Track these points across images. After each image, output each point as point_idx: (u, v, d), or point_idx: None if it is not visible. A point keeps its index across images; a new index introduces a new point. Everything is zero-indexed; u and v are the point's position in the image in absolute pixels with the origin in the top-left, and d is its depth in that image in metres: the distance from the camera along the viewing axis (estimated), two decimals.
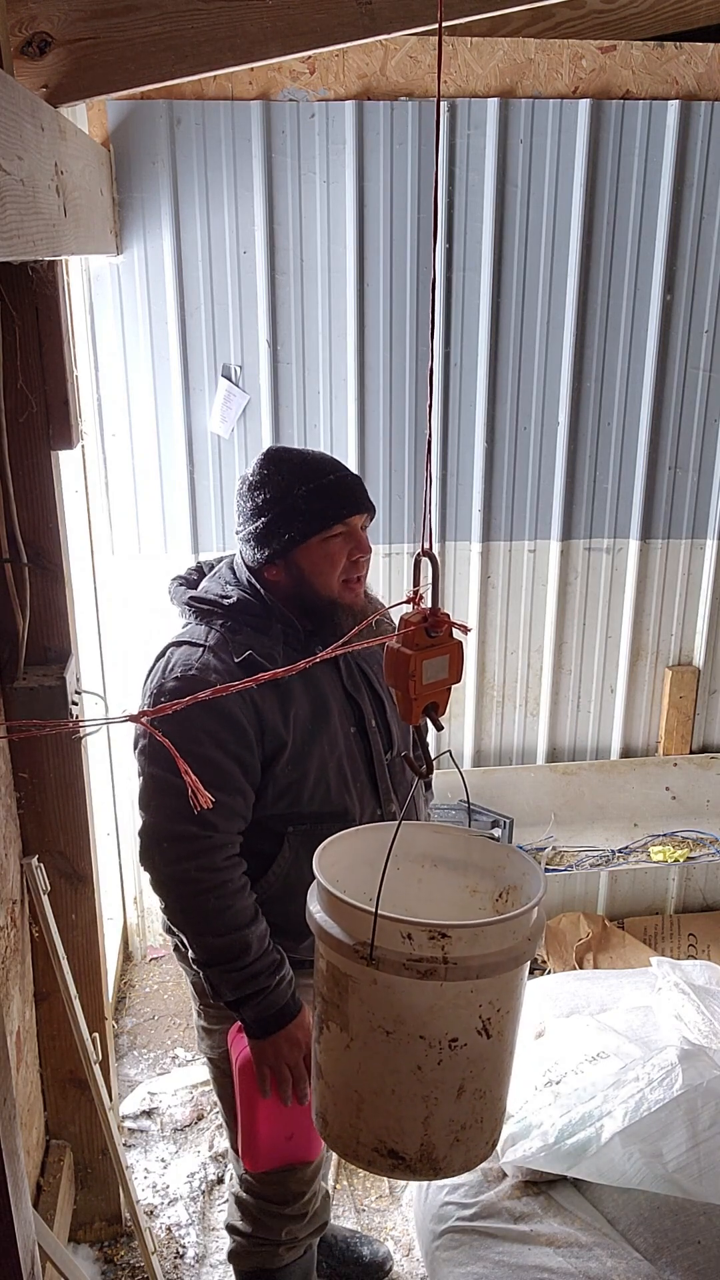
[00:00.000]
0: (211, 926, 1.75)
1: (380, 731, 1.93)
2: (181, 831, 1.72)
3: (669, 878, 3.57)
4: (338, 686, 1.88)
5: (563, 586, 3.37)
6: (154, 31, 1.88)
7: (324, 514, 1.78)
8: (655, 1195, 2.26)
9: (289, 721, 1.79)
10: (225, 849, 1.76)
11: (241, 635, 1.80)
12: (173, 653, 1.81)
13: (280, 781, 1.80)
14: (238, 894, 1.75)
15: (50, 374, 2.07)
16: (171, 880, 1.75)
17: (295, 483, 1.79)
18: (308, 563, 1.80)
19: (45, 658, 2.18)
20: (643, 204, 3.03)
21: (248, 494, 1.84)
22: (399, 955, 1.34)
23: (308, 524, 1.78)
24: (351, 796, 1.87)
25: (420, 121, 2.87)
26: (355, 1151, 1.49)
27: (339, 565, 1.80)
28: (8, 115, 1.35)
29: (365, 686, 1.92)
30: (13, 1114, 1.31)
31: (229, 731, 1.73)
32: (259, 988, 1.75)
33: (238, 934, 1.74)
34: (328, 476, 1.81)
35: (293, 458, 1.85)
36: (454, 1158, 1.47)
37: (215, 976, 1.77)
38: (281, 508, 1.79)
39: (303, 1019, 1.79)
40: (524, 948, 1.39)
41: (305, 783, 1.82)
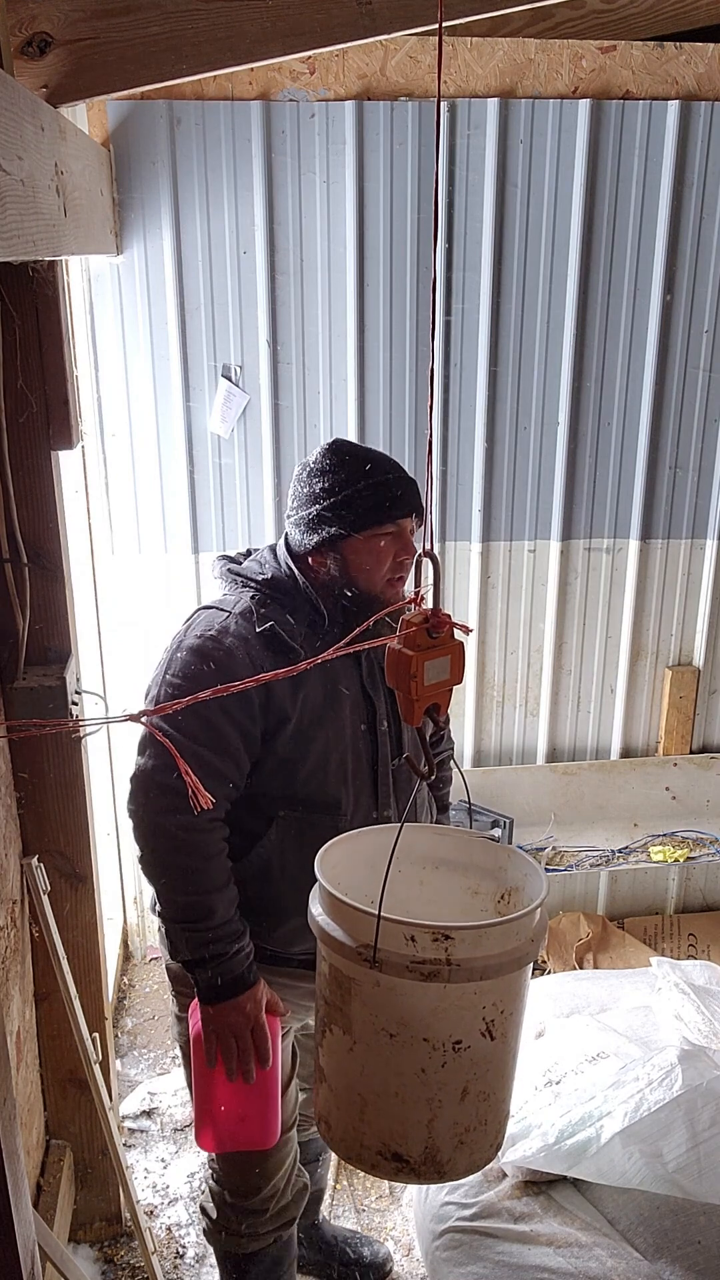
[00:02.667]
0: (181, 884, 1.76)
1: (390, 735, 1.92)
2: (169, 784, 1.72)
3: (669, 878, 3.57)
4: (355, 682, 1.89)
5: (563, 586, 3.37)
6: (154, 31, 1.88)
7: (378, 511, 1.80)
8: (655, 1195, 2.26)
9: (297, 700, 1.80)
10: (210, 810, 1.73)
11: (268, 609, 1.82)
12: (199, 614, 1.86)
13: (278, 755, 1.81)
14: (214, 857, 1.76)
15: (50, 374, 2.06)
16: (153, 830, 1.76)
17: (355, 476, 1.82)
18: (354, 556, 1.82)
19: (45, 658, 2.18)
20: (643, 204, 3.03)
21: (307, 479, 1.86)
22: (402, 957, 1.34)
23: (361, 518, 1.80)
24: (347, 791, 1.87)
25: (420, 121, 2.87)
26: (359, 1155, 1.49)
27: (384, 564, 1.82)
28: (8, 115, 1.34)
29: (384, 688, 1.91)
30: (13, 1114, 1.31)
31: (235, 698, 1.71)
32: (217, 952, 1.76)
33: (205, 896, 1.75)
34: (387, 475, 1.83)
35: (357, 452, 1.87)
36: (458, 1160, 1.47)
37: (175, 933, 1.79)
38: (338, 498, 1.81)
39: (255, 992, 1.79)
40: (527, 949, 1.39)
41: (303, 764, 1.82)
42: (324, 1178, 2.44)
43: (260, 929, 1.88)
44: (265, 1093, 1.85)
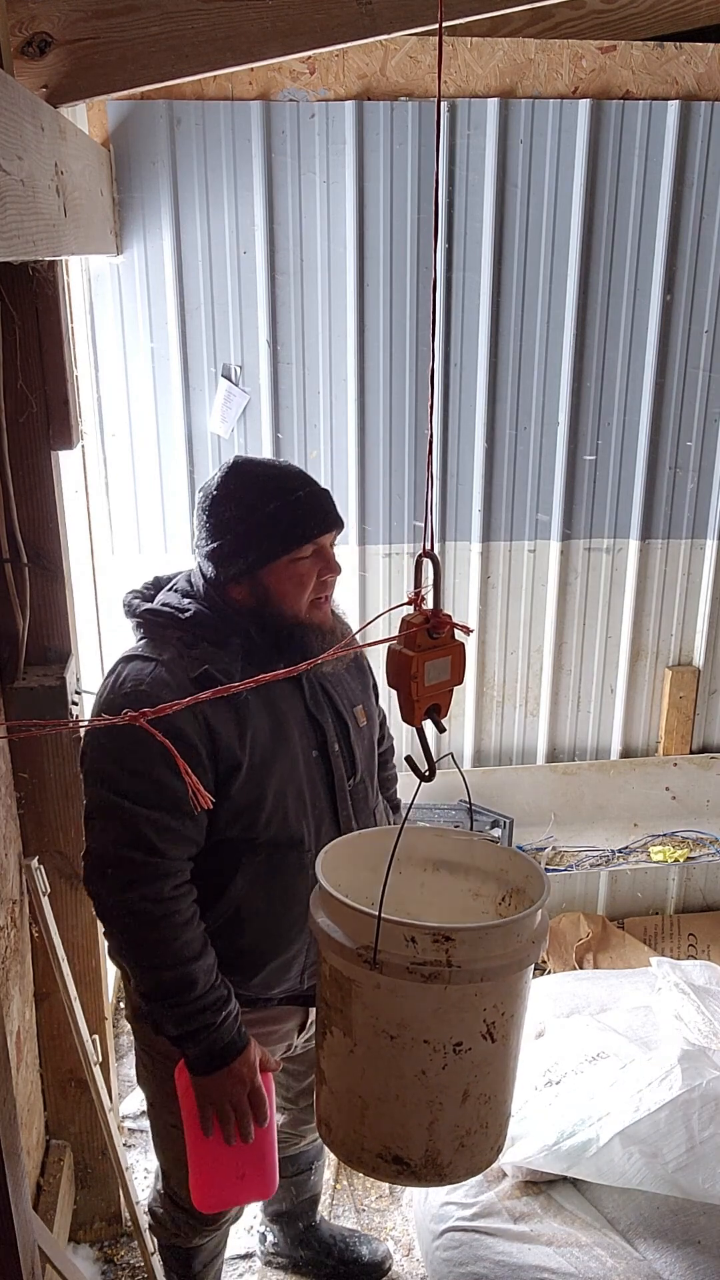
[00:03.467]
0: (157, 959, 1.66)
1: (343, 756, 1.84)
2: (126, 857, 1.63)
3: (669, 878, 3.57)
4: (299, 707, 1.79)
5: (563, 586, 3.37)
6: (154, 32, 1.88)
7: (293, 534, 1.69)
8: (655, 1195, 2.27)
9: (245, 740, 1.69)
10: (173, 877, 1.66)
11: (198, 650, 1.70)
12: (123, 668, 1.71)
13: (236, 803, 1.70)
14: (185, 925, 1.66)
15: (50, 374, 2.06)
16: (116, 909, 1.67)
17: (262, 499, 1.69)
18: (275, 583, 1.71)
19: (45, 658, 2.18)
20: (643, 204, 3.03)
21: (211, 508, 1.73)
22: (402, 959, 1.34)
23: (276, 544, 1.68)
24: (309, 825, 1.78)
25: (420, 121, 2.87)
26: (359, 1158, 1.49)
27: (308, 586, 1.72)
28: (8, 115, 1.34)
29: (329, 708, 1.83)
30: (13, 1114, 1.31)
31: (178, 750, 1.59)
32: (204, 1024, 1.67)
33: (184, 968, 1.65)
34: (296, 493, 1.71)
35: (259, 471, 1.75)
36: (459, 1163, 1.47)
37: (158, 1011, 1.69)
38: (246, 526, 1.69)
39: (248, 1055, 1.71)
40: (528, 951, 1.39)
41: (262, 806, 1.72)
42: (318, 1184, 2.44)
43: (236, 977, 1.80)
44: (263, 1145, 1.79)
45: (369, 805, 1.91)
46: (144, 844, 1.63)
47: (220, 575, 1.73)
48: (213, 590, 1.75)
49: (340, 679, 1.89)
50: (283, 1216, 2.43)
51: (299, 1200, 2.40)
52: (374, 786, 1.96)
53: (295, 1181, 2.37)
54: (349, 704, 1.88)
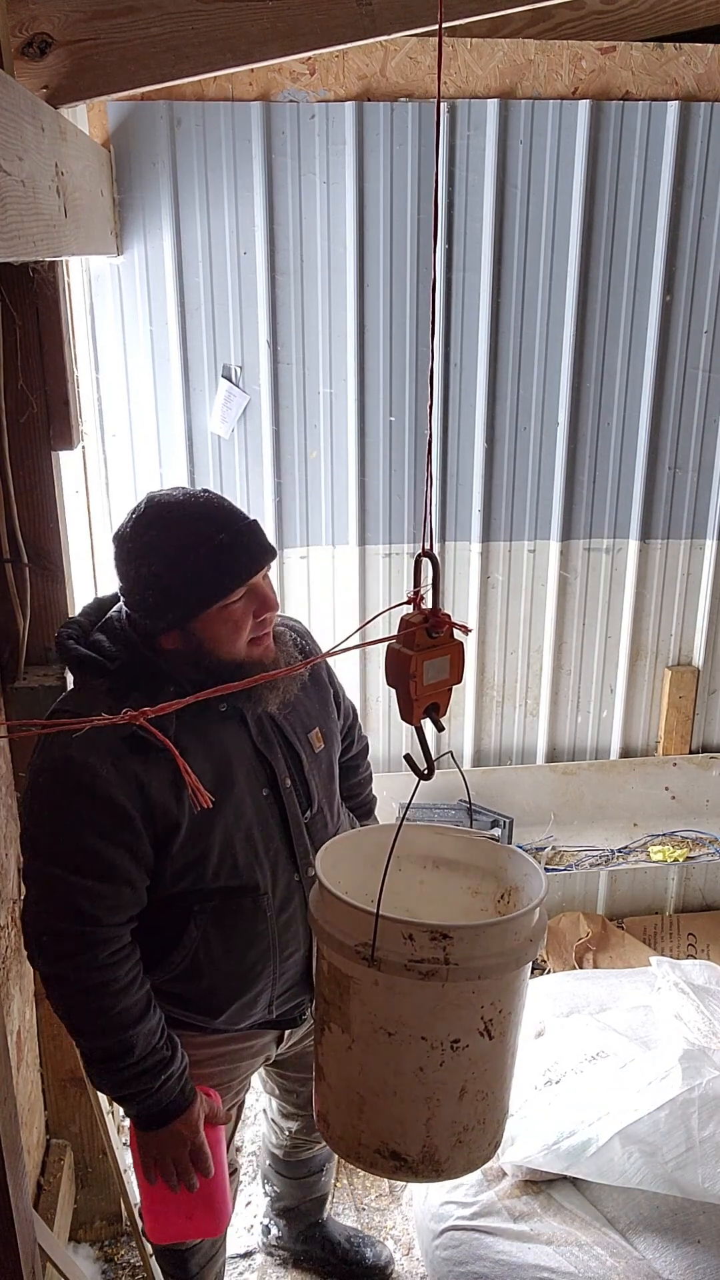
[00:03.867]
0: (92, 1026, 1.63)
1: (297, 790, 1.78)
2: (60, 928, 1.59)
3: (669, 877, 3.57)
4: (245, 745, 1.71)
5: (562, 586, 3.37)
6: (154, 32, 1.88)
7: (221, 581, 1.58)
8: (655, 1195, 2.27)
9: (182, 797, 1.61)
10: (109, 944, 1.61)
11: (129, 701, 1.56)
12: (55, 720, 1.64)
13: (178, 861, 1.65)
14: (122, 993, 1.61)
15: (50, 374, 2.07)
16: (51, 978, 1.64)
17: (182, 550, 1.58)
18: (208, 630, 1.61)
19: (46, 658, 2.19)
20: (642, 204, 3.04)
21: (129, 559, 1.62)
22: (400, 956, 1.34)
23: (204, 595, 1.59)
24: (262, 868, 1.72)
25: (420, 122, 2.87)
26: (357, 1153, 1.50)
27: (244, 628, 1.63)
28: (8, 116, 1.35)
29: (279, 741, 1.76)
30: (13, 1113, 1.32)
31: (110, 817, 1.57)
32: (141, 1089, 1.65)
33: (120, 1034, 1.61)
34: (218, 536, 1.59)
35: (176, 516, 1.61)
36: (456, 1159, 1.48)
37: (96, 1073, 1.67)
38: (170, 580, 1.58)
39: (189, 1115, 1.68)
40: (526, 949, 1.40)
41: (208, 859, 1.66)
42: (327, 1184, 2.45)
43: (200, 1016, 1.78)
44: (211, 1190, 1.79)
45: (328, 834, 1.83)
46: (77, 913, 1.59)
47: (150, 627, 1.64)
48: (142, 640, 1.66)
49: (293, 704, 1.80)
50: (289, 1212, 2.44)
51: (307, 1199, 2.41)
52: (333, 812, 1.90)
53: (304, 1184, 2.38)
54: (302, 731, 1.81)
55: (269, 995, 1.81)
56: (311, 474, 3.13)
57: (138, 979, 1.65)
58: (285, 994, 1.84)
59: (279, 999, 1.84)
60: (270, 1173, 2.42)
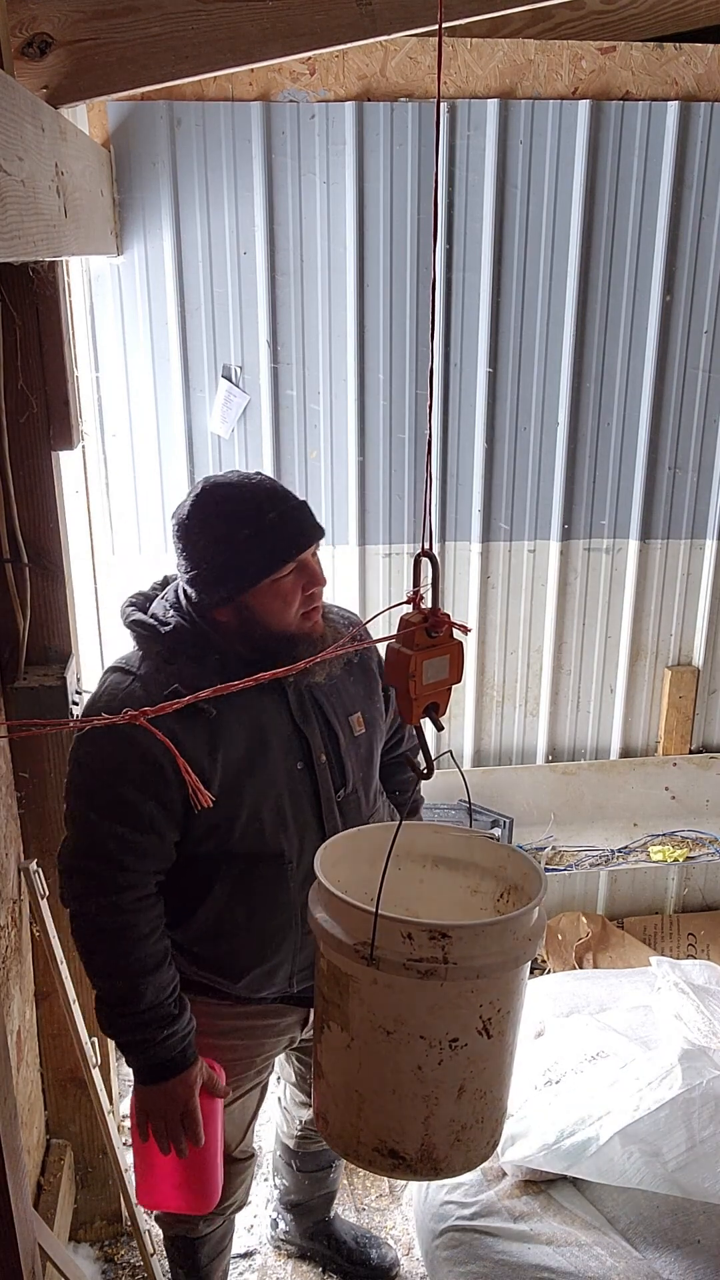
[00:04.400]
0: (107, 968, 1.70)
1: (331, 767, 1.83)
2: (88, 868, 1.67)
3: (668, 877, 3.57)
4: (284, 718, 1.78)
5: (563, 586, 3.37)
6: (154, 33, 1.88)
7: (271, 557, 1.67)
8: (655, 1195, 2.27)
9: (215, 759, 1.69)
10: (134, 889, 1.69)
11: (175, 665, 1.70)
12: (107, 677, 1.76)
13: (207, 819, 1.70)
14: (142, 940, 1.69)
15: (50, 374, 2.07)
16: (76, 915, 1.71)
17: (236, 526, 1.67)
18: (259, 604, 1.69)
19: (46, 658, 2.19)
20: (642, 204, 3.04)
21: (186, 537, 1.72)
22: (399, 955, 1.34)
23: (254, 570, 1.67)
24: (289, 837, 1.78)
25: (420, 122, 2.87)
26: (356, 1151, 1.50)
27: (294, 602, 1.71)
28: (8, 116, 1.35)
29: (318, 718, 1.81)
30: (13, 1113, 1.32)
31: (144, 768, 1.64)
32: (143, 1038, 1.70)
33: (133, 980, 1.68)
34: (269, 515, 1.67)
35: (229, 496, 1.71)
36: (455, 1158, 1.48)
37: (102, 1012, 1.74)
38: (223, 556, 1.67)
39: (186, 1077, 1.73)
40: (524, 948, 1.40)
41: (235, 822, 1.73)
42: (335, 1180, 2.46)
43: (221, 979, 1.83)
44: (201, 1163, 1.83)
45: (361, 816, 1.88)
46: (106, 856, 1.66)
47: (203, 600, 1.72)
48: (195, 612, 1.74)
49: (336, 687, 1.86)
50: (297, 1207, 2.45)
51: (316, 1194, 2.43)
52: (369, 796, 1.93)
53: (314, 1178, 2.39)
54: (343, 713, 1.86)
55: (289, 967, 1.85)
56: (311, 474, 3.13)
57: (157, 930, 1.72)
58: (307, 969, 1.87)
59: (300, 973, 1.87)
60: (280, 1164, 2.43)
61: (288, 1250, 2.50)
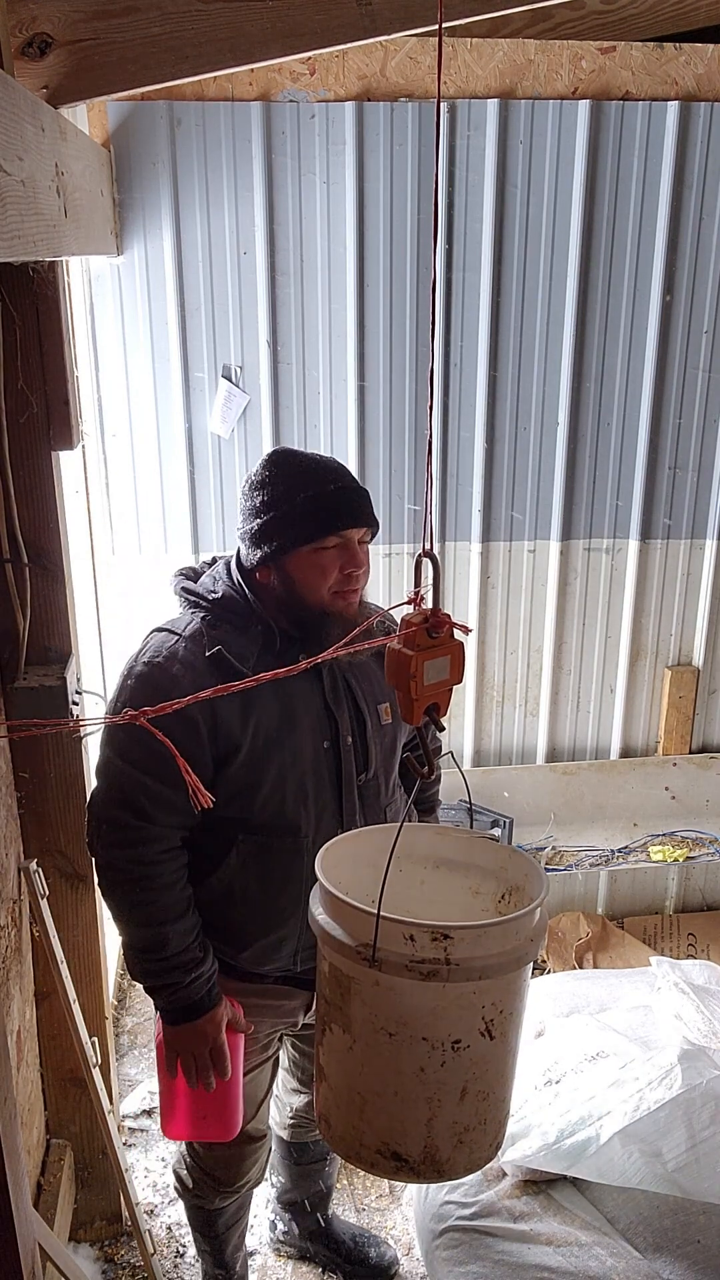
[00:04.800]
0: (134, 915, 1.76)
1: (356, 751, 1.86)
2: (117, 817, 1.73)
3: (668, 877, 3.57)
4: (316, 697, 1.83)
5: (562, 586, 3.37)
6: (154, 33, 1.88)
7: (319, 524, 1.73)
8: (655, 1195, 2.27)
9: (248, 725, 1.75)
10: (160, 841, 1.75)
11: (219, 630, 1.77)
12: (151, 637, 1.82)
13: (232, 784, 1.76)
14: (166, 889, 1.75)
15: (50, 374, 2.07)
16: (105, 864, 1.77)
17: (295, 488, 1.75)
18: (298, 571, 1.75)
19: (46, 657, 2.18)
20: (642, 204, 3.04)
21: (249, 493, 1.81)
22: (401, 957, 1.34)
23: (301, 532, 1.73)
24: (308, 814, 1.82)
25: (420, 122, 2.87)
26: (358, 1154, 1.49)
27: (330, 577, 1.75)
28: (8, 116, 1.35)
29: (348, 701, 1.86)
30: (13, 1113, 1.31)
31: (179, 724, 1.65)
32: (170, 982, 1.77)
33: (159, 928, 1.75)
34: (329, 486, 1.75)
35: (297, 462, 1.80)
36: (457, 1160, 1.47)
37: (132, 959, 1.81)
38: (278, 512, 1.75)
39: (214, 1015, 1.81)
40: (526, 949, 1.40)
41: (259, 790, 1.78)
42: (332, 1175, 2.46)
43: (227, 950, 1.88)
44: (225, 1094, 1.91)
45: (380, 802, 1.92)
46: (134, 807, 1.72)
47: (251, 558, 1.79)
48: (244, 575, 1.82)
49: (368, 674, 1.91)
50: (295, 1206, 2.45)
51: (312, 1191, 2.42)
52: (389, 785, 1.96)
53: (309, 1171, 2.39)
54: (373, 700, 1.90)
55: (295, 943, 1.88)
56: None
57: (180, 880, 1.78)
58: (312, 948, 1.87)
59: (304, 951, 1.90)
60: (276, 1160, 2.43)
61: (287, 1251, 2.50)
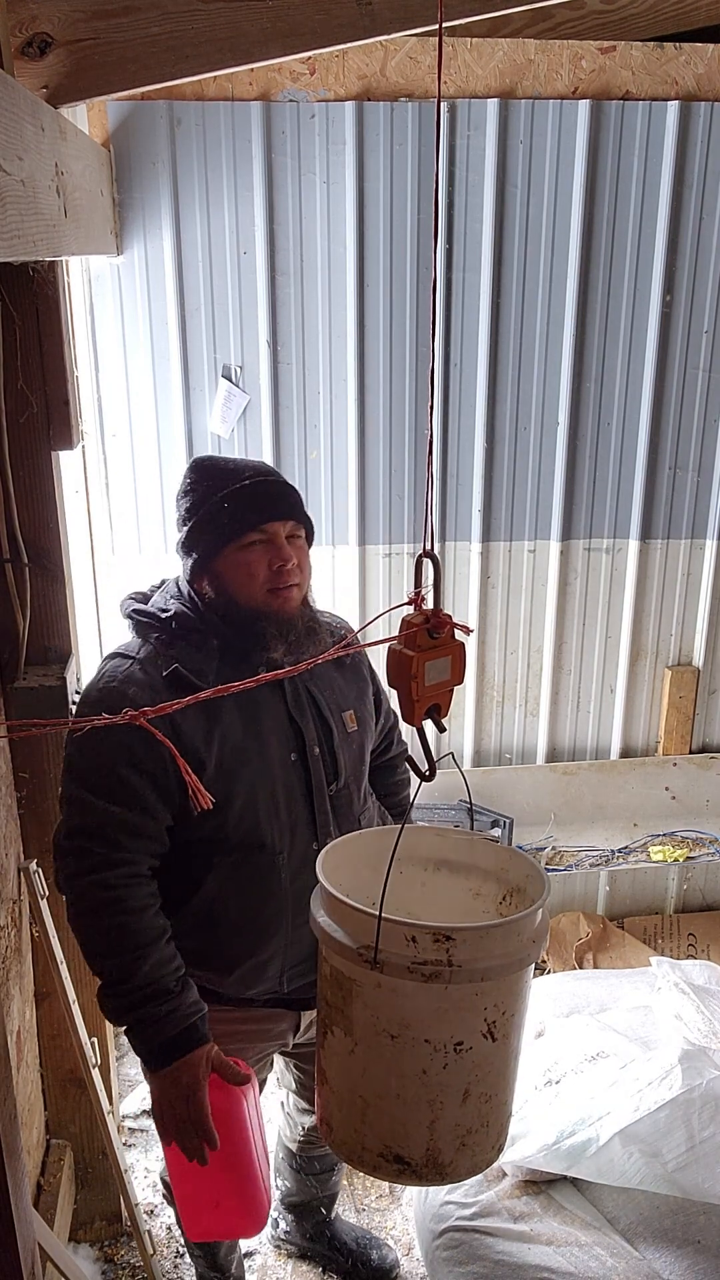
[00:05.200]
0: (100, 945, 1.67)
1: (324, 760, 1.83)
2: (81, 847, 1.67)
3: (669, 877, 3.57)
4: (280, 709, 1.80)
5: (563, 586, 3.37)
6: (154, 32, 1.88)
7: (236, 522, 1.72)
8: (655, 1195, 2.27)
9: (212, 741, 1.71)
10: (128, 866, 1.67)
11: (175, 649, 1.74)
12: (106, 663, 1.78)
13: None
14: (134, 914, 1.65)
15: (50, 374, 2.07)
16: (69, 892, 1.70)
17: (212, 490, 1.75)
18: (228, 572, 1.74)
19: (46, 658, 2.18)
20: (642, 204, 3.03)
21: (176, 504, 1.81)
22: (403, 958, 1.34)
23: (222, 533, 1.73)
24: (280, 828, 1.78)
25: (420, 122, 2.87)
26: (360, 1157, 1.49)
27: (259, 575, 1.73)
28: (8, 116, 1.34)
29: (312, 711, 1.83)
30: (13, 1113, 1.31)
31: (141, 748, 1.64)
32: (143, 1016, 1.63)
33: (126, 956, 1.64)
34: (243, 482, 1.75)
35: (215, 465, 1.81)
36: (460, 1162, 1.47)
37: (103, 995, 1.68)
38: (199, 516, 1.75)
39: (192, 1059, 1.62)
40: (528, 950, 1.39)
41: (230, 808, 1.73)
42: (338, 1183, 2.47)
43: (213, 977, 1.82)
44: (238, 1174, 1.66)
45: (352, 812, 1.89)
46: (102, 837, 1.67)
47: (187, 568, 1.79)
48: (186, 586, 1.81)
49: (330, 682, 1.88)
50: (298, 1207, 2.46)
51: (318, 1196, 2.43)
52: (360, 793, 1.93)
53: (317, 1180, 2.39)
54: (336, 708, 1.87)
55: (281, 963, 1.84)
56: (311, 474, 3.12)
57: (152, 908, 1.69)
58: (298, 967, 1.86)
59: (291, 970, 1.86)
60: (283, 1166, 2.43)
61: (288, 1250, 2.50)
